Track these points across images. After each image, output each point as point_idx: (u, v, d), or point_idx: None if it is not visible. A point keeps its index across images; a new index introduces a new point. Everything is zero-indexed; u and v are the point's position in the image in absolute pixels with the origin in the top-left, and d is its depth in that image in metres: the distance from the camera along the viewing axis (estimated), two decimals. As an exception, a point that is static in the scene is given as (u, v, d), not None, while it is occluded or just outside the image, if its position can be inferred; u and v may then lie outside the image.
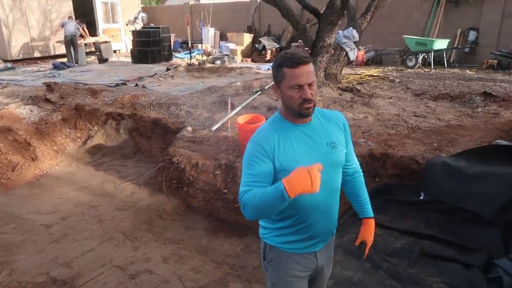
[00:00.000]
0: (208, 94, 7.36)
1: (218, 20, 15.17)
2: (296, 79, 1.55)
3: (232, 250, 3.83)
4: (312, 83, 1.58)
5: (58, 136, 6.13)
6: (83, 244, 3.75)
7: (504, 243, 3.25)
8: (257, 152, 1.60)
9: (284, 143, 1.63)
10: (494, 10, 9.44)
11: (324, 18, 6.61)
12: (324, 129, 1.71)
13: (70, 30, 11.70)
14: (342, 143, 1.74)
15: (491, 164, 3.74)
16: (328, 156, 1.67)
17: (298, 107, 1.59)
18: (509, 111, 5.44)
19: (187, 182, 4.53)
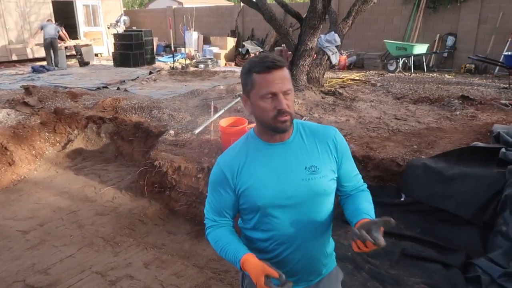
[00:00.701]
0: (191, 97, 7.32)
1: (201, 24, 15.14)
2: (268, 87, 1.29)
3: (215, 254, 3.78)
4: (288, 91, 1.32)
5: (36, 140, 5.98)
6: (61, 250, 3.66)
7: (482, 243, 3.32)
8: (218, 180, 1.43)
9: (250, 166, 1.40)
10: (471, 16, 9.70)
11: (306, 22, 6.66)
12: (305, 149, 1.42)
13: (50, 33, 11.49)
14: (328, 167, 1.43)
15: (469, 165, 3.82)
16: (304, 184, 1.38)
17: (272, 121, 1.33)
18: (486, 114, 5.58)
19: (169, 186, 4.48)
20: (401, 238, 3.44)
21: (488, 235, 3.35)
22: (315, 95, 6.71)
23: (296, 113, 5.90)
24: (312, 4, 6.40)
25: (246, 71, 1.35)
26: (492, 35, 9.41)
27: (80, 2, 14.85)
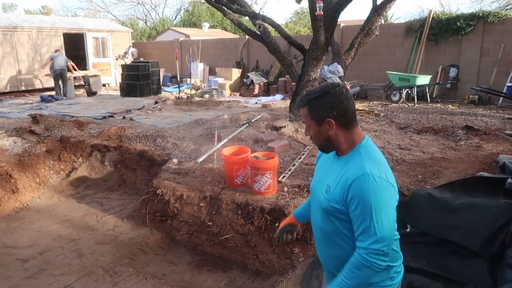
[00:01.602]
0: (195, 126, 7.38)
1: (207, 56, 15.48)
2: None
3: (215, 285, 3.70)
4: (306, 124, 1.70)
5: (41, 168, 6.01)
6: (60, 280, 3.59)
7: (491, 276, 3.21)
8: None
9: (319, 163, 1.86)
10: (472, 49, 9.85)
11: (309, 53, 6.79)
12: (339, 172, 1.62)
13: (60, 64, 11.80)
14: (336, 196, 1.59)
15: (476, 195, 3.76)
16: (322, 193, 1.68)
17: None
18: (491, 144, 5.55)
19: (171, 214, 4.44)
20: (407, 271, 3.31)
21: (496, 267, 3.25)
22: (319, 125, 6.73)
23: (300, 142, 5.92)
24: (315, 36, 6.54)
25: None
26: (494, 67, 9.51)
27: (90, 34, 15.32)
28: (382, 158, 1.62)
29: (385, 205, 1.49)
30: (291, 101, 7.26)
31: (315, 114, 1.62)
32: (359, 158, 1.58)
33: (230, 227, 4.03)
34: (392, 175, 1.59)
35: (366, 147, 1.63)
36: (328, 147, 1.69)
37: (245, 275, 3.82)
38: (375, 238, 1.48)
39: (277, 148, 5.41)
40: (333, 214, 1.62)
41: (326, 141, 1.65)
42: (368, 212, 1.48)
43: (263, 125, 6.65)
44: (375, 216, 1.47)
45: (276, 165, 4.24)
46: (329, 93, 1.59)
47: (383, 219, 1.48)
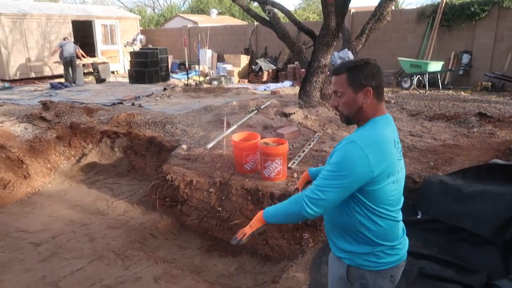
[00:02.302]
0: (204, 113, 7.36)
1: (215, 42, 15.38)
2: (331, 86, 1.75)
3: (225, 269, 3.72)
4: (337, 92, 1.69)
5: (52, 154, 6.06)
6: (72, 263, 3.64)
7: (504, 263, 3.18)
8: None
9: None
10: (486, 34, 9.63)
11: (320, 39, 6.69)
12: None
13: (70, 51, 11.82)
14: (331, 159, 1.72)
15: (489, 183, 3.71)
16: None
17: None
18: (505, 132, 5.45)
19: (181, 200, 4.46)
20: (418, 257, 3.32)
21: (509, 255, 3.21)
22: (328, 111, 6.67)
23: (309, 128, 5.87)
24: (325, 21, 6.43)
25: None
26: (508, 53, 9.30)
27: (99, 21, 15.28)
28: (383, 135, 1.62)
29: (345, 169, 1.55)
30: (301, 88, 7.18)
31: (355, 82, 1.64)
32: (362, 129, 1.68)
33: (239, 212, 4.04)
34: (382, 153, 1.58)
35: (375, 122, 1.66)
36: (354, 117, 1.70)
37: (255, 260, 3.84)
38: (321, 187, 1.59)
39: (286, 134, 5.38)
40: None
41: (357, 110, 1.67)
42: (332, 164, 1.61)
43: (272, 111, 6.61)
44: (333, 171, 1.58)
45: (286, 151, 4.22)
46: (370, 64, 1.65)
47: (336, 178, 1.56)
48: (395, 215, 1.70)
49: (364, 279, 1.69)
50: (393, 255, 1.70)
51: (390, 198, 1.64)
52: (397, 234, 1.73)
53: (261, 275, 3.59)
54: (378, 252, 1.67)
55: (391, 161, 1.60)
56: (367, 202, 1.61)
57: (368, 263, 1.68)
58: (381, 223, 1.64)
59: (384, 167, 1.57)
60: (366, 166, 1.53)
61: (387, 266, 1.69)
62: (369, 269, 1.68)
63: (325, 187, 1.58)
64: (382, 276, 1.70)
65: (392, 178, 1.62)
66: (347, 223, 1.67)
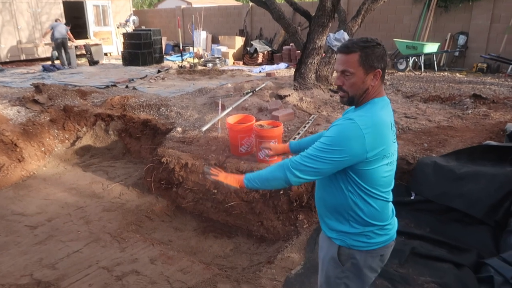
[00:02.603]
0: (199, 95, 7.32)
1: (210, 23, 15.16)
2: (335, 64, 1.71)
3: (221, 250, 3.77)
4: (345, 72, 1.63)
5: (45, 137, 6.01)
6: (68, 246, 3.66)
7: (494, 243, 3.24)
8: None
9: None
10: (483, 15, 9.55)
11: (315, 20, 6.61)
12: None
13: (62, 32, 11.59)
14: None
15: (481, 164, 3.75)
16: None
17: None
18: (499, 113, 5.48)
19: (176, 182, 4.47)
20: (411, 237, 3.38)
21: (500, 234, 3.28)
22: (324, 94, 6.66)
23: (304, 111, 5.86)
24: (321, 2, 6.35)
25: None
26: (505, 34, 9.25)
27: (90, 2, 14.96)
28: (380, 117, 1.62)
29: (339, 144, 1.55)
30: (296, 70, 7.14)
31: (367, 62, 1.61)
32: (361, 109, 1.67)
33: (235, 194, 4.06)
34: (379, 134, 1.58)
35: (374, 104, 1.66)
36: (359, 99, 1.68)
37: (250, 241, 3.88)
38: (310, 156, 1.61)
39: (281, 116, 5.37)
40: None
41: (363, 91, 1.66)
42: (326, 138, 1.60)
43: (267, 94, 6.58)
44: (325, 144, 1.58)
45: (281, 134, 4.22)
46: (381, 46, 1.64)
47: (327, 151, 1.57)
48: (387, 196, 1.72)
49: (354, 259, 1.72)
50: (383, 235, 1.73)
51: (383, 179, 1.66)
52: (388, 214, 1.75)
53: (256, 255, 3.63)
54: (369, 233, 1.69)
55: (387, 144, 1.61)
56: (361, 182, 1.62)
57: (359, 243, 1.70)
58: (373, 203, 1.66)
59: (380, 150, 1.58)
60: (361, 146, 1.54)
61: (377, 246, 1.72)
62: (360, 249, 1.71)
63: (317, 157, 1.59)
64: (372, 255, 1.73)
65: (387, 160, 1.63)
66: (340, 203, 1.69)
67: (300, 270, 3.02)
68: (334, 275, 1.78)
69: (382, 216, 1.71)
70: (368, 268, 1.74)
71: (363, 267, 1.73)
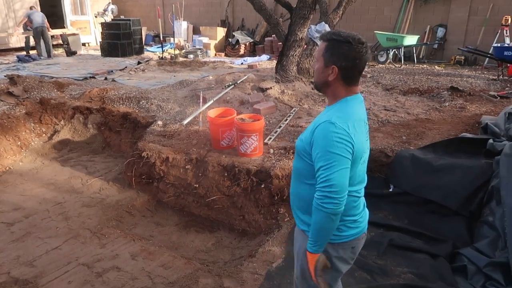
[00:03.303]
0: (180, 88, 7.24)
1: (190, 14, 14.93)
2: None
3: (203, 245, 3.77)
4: (315, 56, 1.73)
5: (21, 130, 5.85)
6: (47, 242, 3.60)
7: (469, 233, 3.35)
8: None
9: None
10: (461, 8, 9.71)
11: (296, 12, 6.59)
12: (317, 118, 1.73)
13: (38, 21, 11.21)
14: (307, 138, 1.71)
15: (457, 156, 3.84)
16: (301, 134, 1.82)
17: None
18: (474, 106, 5.61)
19: (157, 177, 4.43)
20: (389, 229, 3.45)
21: (474, 225, 3.38)
22: (305, 86, 6.68)
23: (286, 104, 5.87)
24: (302, -7, 6.33)
25: None
26: (482, 27, 9.44)
27: (67, -10, 14.53)
28: (355, 114, 1.65)
29: (338, 151, 1.56)
30: (277, 62, 7.12)
31: (327, 54, 1.64)
32: (335, 109, 1.67)
33: (216, 189, 4.06)
34: (356, 132, 1.62)
35: (347, 102, 1.67)
36: (321, 88, 1.74)
37: (232, 235, 3.90)
38: (326, 178, 1.56)
39: (263, 110, 5.37)
40: (300, 153, 1.75)
41: (323, 83, 1.70)
42: (324, 155, 1.57)
43: (249, 86, 6.55)
44: (328, 159, 1.56)
45: (262, 127, 4.22)
46: (349, 44, 1.60)
47: (335, 163, 1.55)
48: (359, 192, 1.77)
49: (326, 252, 1.75)
50: (354, 228, 1.77)
51: (357, 178, 1.70)
52: (359, 208, 1.79)
53: (238, 249, 3.65)
54: (340, 226, 1.72)
55: (362, 142, 1.64)
56: None
57: (331, 236, 1.72)
58: (347, 199, 1.66)
59: (358, 147, 1.61)
60: (350, 141, 1.58)
61: (348, 238, 1.76)
62: (332, 242, 1.73)
63: (330, 177, 1.55)
64: (343, 248, 1.77)
65: (362, 159, 1.67)
66: (312, 198, 1.68)
67: (281, 263, 3.05)
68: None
69: (353, 211, 1.75)
70: (340, 260, 1.78)
71: (335, 260, 1.77)
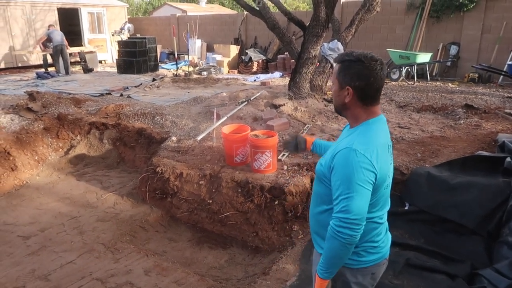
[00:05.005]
0: (194, 104, 7.33)
1: (205, 32, 15.22)
2: None
3: (216, 261, 3.76)
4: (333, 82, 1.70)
5: (39, 145, 5.98)
6: (62, 256, 3.63)
7: (487, 254, 3.27)
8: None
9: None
10: (474, 26, 9.71)
11: (309, 30, 6.67)
12: (338, 141, 1.72)
13: (58, 40, 11.55)
14: (325, 162, 1.68)
15: (474, 174, 3.79)
16: (322, 159, 1.78)
17: None
18: (490, 123, 5.55)
19: (171, 192, 4.46)
20: (405, 248, 3.40)
21: (493, 245, 3.30)
22: (318, 103, 6.70)
23: (299, 120, 5.89)
24: (315, 12, 6.41)
25: None
26: (495, 45, 9.40)
27: (85, 9, 14.97)
28: (378, 138, 1.60)
29: (359, 180, 1.51)
30: (290, 79, 7.18)
31: (341, 76, 1.63)
32: (356, 133, 1.62)
33: (230, 205, 4.06)
34: (379, 158, 1.56)
35: (368, 125, 1.62)
36: (341, 112, 1.72)
37: (245, 252, 3.88)
38: (343, 208, 1.52)
39: (276, 126, 5.39)
40: (320, 178, 1.72)
41: (341, 105, 1.68)
42: (343, 183, 1.53)
43: (262, 103, 6.60)
44: (349, 188, 1.51)
45: (276, 144, 4.23)
46: (362, 63, 1.56)
47: (354, 193, 1.51)
48: (381, 218, 1.70)
49: (345, 277, 1.70)
50: (375, 254, 1.71)
51: (379, 203, 1.65)
52: (380, 234, 1.73)
53: (251, 266, 3.63)
54: (360, 251, 1.67)
55: (385, 168, 1.61)
56: None
57: (350, 261, 1.67)
58: (367, 225, 1.61)
59: (381, 174, 1.57)
60: (372, 170, 1.53)
61: (368, 264, 1.70)
62: (351, 267, 1.69)
63: (349, 208, 1.51)
64: (363, 273, 1.71)
65: (385, 183, 1.63)
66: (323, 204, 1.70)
67: (295, 282, 3.02)
68: None
69: (374, 237, 1.69)
70: (358, 286, 1.72)
71: (353, 285, 1.71)
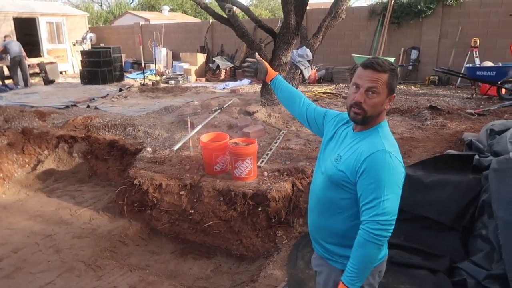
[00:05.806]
0: (165, 114, 7.23)
1: (170, 40, 15.08)
2: (357, 79, 1.61)
3: (201, 272, 3.71)
4: (372, 89, 1.57)
5: (3, 162, 5.68)
6: (39, 277, 3.46)
7: (464, 247, 3.43)
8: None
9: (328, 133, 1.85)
10: (432, 31, 10.22)
11: (280, 37, 6.78)
12: (351, 145, 1.67)
13: (16, 51, 11.06)
14: (347, 165, 1.63)
15: (446, 172, 3.97)
16: (329, 162, 1.73)
17: (348, 107, 1.65)
18: (454, 123, 5.84)
19: (150, 204, 4.37)
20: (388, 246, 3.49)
21: (468, 239, 3.47)
22: (291, 109, 6.79)
23: (274, 126, 5.95)
24: (285, 20, 6.53)
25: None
26: (453, 49, 9.93)
27: (44, 19, 14.45)
28: (395, 141, 1.69)
29: (395, 182, 1.55)
30: (262, 86, 7.25)
31: (391, 85, 1.61)
32: (377, 136, 1.63)
33: (212, 214, 4.03)
34: (401, 157, 1.65)
35: (384, 128, 1.68)
36: (373, 120, 1.65)
37: (230, 260, 3.86)
38: (381, 210, 1.53)
39: (252, 133, 5.43)
40: (339, 182, 1.66)
41: (379, 114, 1.64)
42: (380, 186, 1.53)
43: (235, 110, 6.62)
44: (385, 190, 1.52)
45: (256, 151, 4.26)
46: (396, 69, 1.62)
47: (390, 195, 1.53)
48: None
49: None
50: (381, 251, 1.75)
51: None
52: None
53: (238, 275, 3.61)
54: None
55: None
56: None
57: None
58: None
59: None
60: (403, 170, 1.62)
61: (376, 263, 1.75)
62: None
63: (387, 210, 1.53)
64: (373, 274, 1.75)
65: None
66: (349, 231, 1.68)
67: (285, 287, 3.04)
68: None
69: None
70: (369, 287, 1.78)
71: (366, 287, 1.75)
